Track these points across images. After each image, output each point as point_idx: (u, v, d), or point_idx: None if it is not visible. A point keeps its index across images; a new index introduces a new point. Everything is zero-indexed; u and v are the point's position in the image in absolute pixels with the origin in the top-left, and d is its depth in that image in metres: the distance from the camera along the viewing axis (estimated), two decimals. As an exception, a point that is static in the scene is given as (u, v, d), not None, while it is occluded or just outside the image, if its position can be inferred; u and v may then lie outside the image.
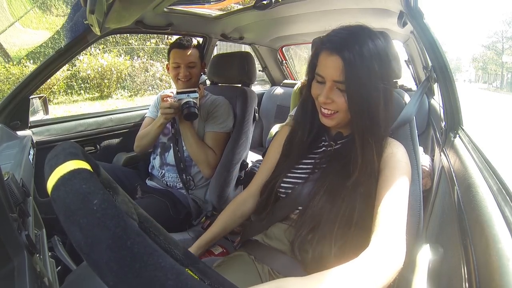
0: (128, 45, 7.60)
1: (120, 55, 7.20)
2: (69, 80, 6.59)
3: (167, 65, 1.37)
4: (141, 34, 7.03)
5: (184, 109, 1.16)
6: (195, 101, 1.19)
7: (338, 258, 0.58)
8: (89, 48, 6.27)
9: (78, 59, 6.41)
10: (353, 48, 0.61)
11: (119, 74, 6.94)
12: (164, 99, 1.20)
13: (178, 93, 1.20)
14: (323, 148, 0.77)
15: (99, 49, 6.93)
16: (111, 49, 7.14)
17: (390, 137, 0.74)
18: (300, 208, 0.72)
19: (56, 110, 5.50)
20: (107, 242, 0.25)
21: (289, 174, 0.75)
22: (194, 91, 1.20)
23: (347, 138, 0.75)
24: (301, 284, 0.39)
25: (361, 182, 0.65)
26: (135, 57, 7.61)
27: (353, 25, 0.67)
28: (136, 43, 7.69)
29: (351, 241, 0.63)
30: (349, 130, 0.75)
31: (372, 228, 0.57)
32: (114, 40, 7.36)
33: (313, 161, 0.75)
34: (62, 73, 6.23)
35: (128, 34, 7.03)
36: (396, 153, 0.68)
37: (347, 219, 0.64)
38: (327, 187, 0.68)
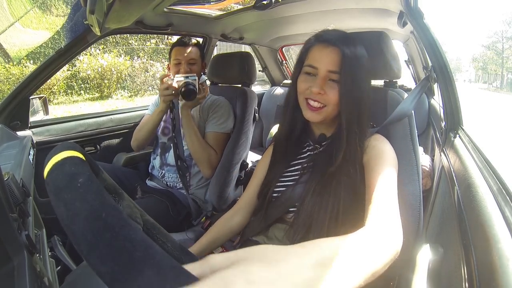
0: (128, 45, 7.60)
1: (120, 56, 7.20)
2: (69, 80, 6.60)
3: (168, 65, 1.37)
4: (141, 34, 7.03)
5: (182, 87, 1.16)
6: (193, 82, 1.18)
7: None
8: (89, 48, 6.26)
9: (78, 59, 6.42)
10: (350, 46, 0.69)
11: (119, 75, 6.94)
12: (163, 79, 1.20)
13: (177, 77, 1.20)
14: (308, 153, 0.80)
15: (99, 49, 6.94)
16: (111, 49, 7.14)
17: (382, 133, 0.76)
18: (293, 208, 0.73)
19: (56, 111, 5.50)
20: (84, 214, 0.27)
21: (280, 179, 0.78)
22: (193, 75, 1.20)
23: (330, 140, 0.76)
24: (279, 252, 0.29)
25: (344, 170, 0.68)
26: (135, 57, 7.62)
27: (340, 30, 0.74)
28: (136, 43, 7.70)
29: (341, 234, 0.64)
30: (332, 130, 0.77)
31: (366, 213, 0.55)
32: (114, 40, 7.37)
33: (300, 166, 0.77)
34: (62, 74, 6.24)
35: (128, 34, 7.03)
36: (379, 145, 0.71)
37: (336, 213, 0.66)
38: (314, 188, 0.70)
